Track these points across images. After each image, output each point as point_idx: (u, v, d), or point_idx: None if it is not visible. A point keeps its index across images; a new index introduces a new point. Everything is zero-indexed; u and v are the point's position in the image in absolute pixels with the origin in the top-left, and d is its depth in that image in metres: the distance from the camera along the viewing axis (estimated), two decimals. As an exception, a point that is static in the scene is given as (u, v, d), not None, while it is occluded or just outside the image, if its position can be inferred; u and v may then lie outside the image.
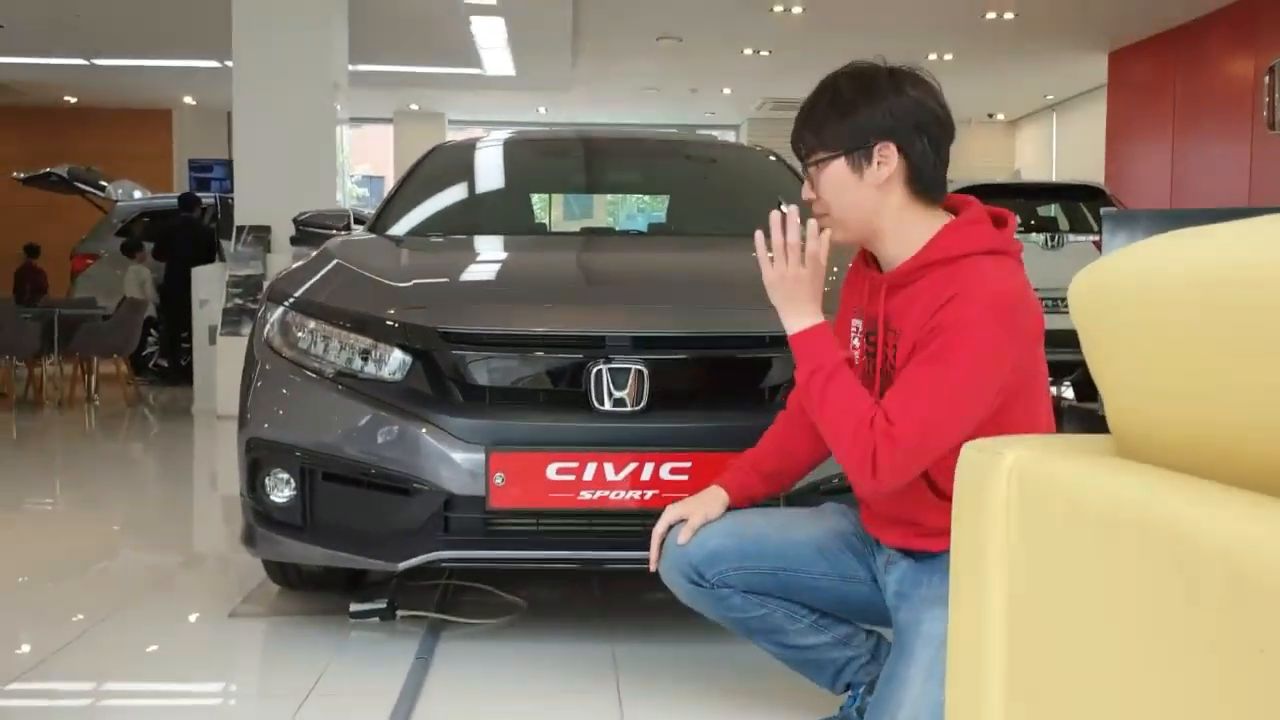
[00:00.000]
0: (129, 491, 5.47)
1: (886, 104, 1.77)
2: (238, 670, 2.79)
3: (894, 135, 1.77)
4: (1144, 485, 0.68)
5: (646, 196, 4.92)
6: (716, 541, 1.97)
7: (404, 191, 4.08)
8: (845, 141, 1.80)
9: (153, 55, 12.74)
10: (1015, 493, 0.78)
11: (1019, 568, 0.78)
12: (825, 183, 1.84)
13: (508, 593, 3.22)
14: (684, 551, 1.99)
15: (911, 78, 1.80)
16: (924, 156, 1.77)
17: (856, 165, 1.80)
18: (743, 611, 2.01)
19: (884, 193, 1.79)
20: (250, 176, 8.58)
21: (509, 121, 17.90)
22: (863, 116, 1.78)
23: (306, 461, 2.73)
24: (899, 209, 1.80)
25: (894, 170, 1.78)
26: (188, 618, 3.16)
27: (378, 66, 12.87)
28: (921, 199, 1.80)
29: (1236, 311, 0.64)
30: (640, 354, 2.62)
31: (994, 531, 0.80)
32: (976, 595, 0.82)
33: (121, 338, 9.09)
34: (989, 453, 0.82)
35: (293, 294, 2.98)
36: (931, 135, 1.78)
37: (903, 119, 1.77)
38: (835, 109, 1.81)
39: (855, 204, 1.81)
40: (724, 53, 13.13)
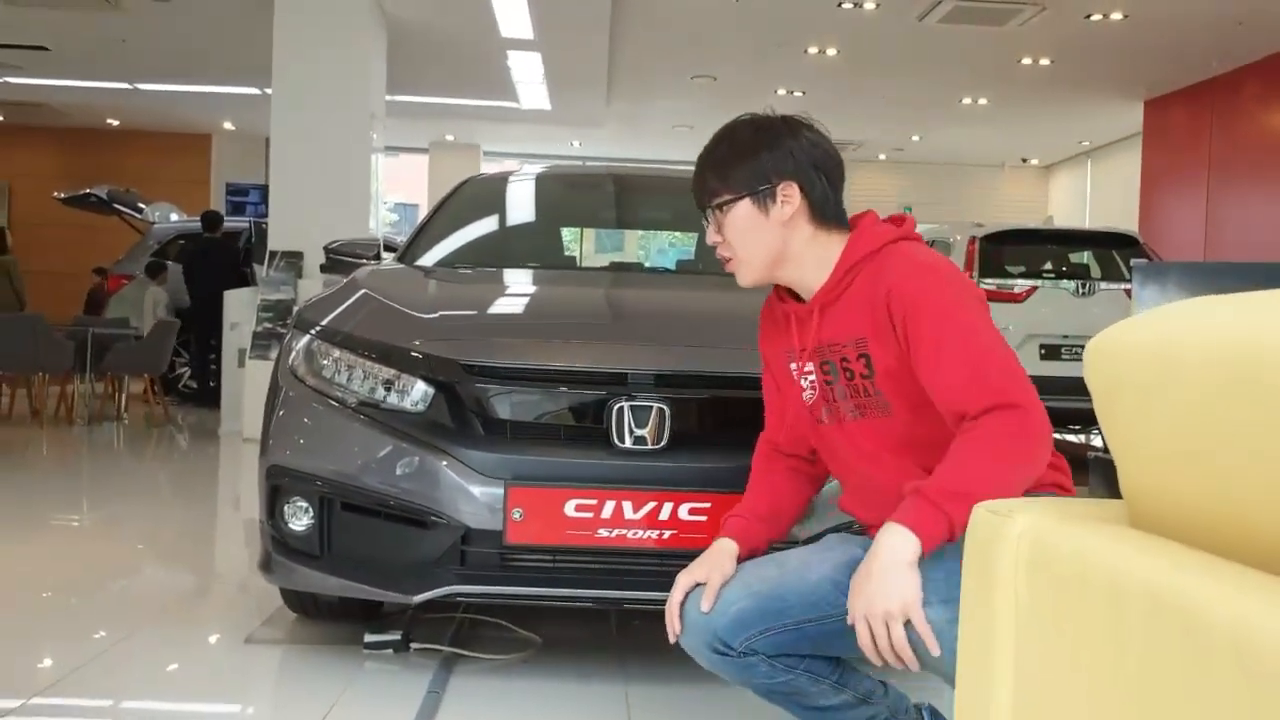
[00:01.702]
0: (153, 511, 5.51)
1: (785, 146, 1.90)
2: (252, 697, 2.79)
3: (795, 175, 1.89)
4: (1154, 559, 0.67)
5: (675, 234, 4.92)
6: (738, 607, 1.89)
7: (435, 222, 4.11)
8: (749, 183, 1.91)
9: (194, 81, 12.94)
10: (1025, 556, 0.78)
11: (1027, 630, 0.77)
12: (731, 225, 1.93)
13: (523, 628, 3.21)
14: (708, 621, 1.91)
15: (805, 124, 1.95)
16: (823, 193, 1.91)
17: (761, 205, 1.91)
18: (768, 678, 1.93)
19: (789, 229, 1.91)
20: (285, 202, 8.68)
21: (543, 155, 18.04)
22: (764, 159, 1.90)
23: (326, 491, 2.74)
24: (807, 240, 1.92)
25: (796, 208, 1.90)
26: (205, 641, 3.17)
27: (415, 97, 13.02)
28: (826, 228, 1.93)
29: (1255, 386, 0.63)
30: (662, 392, 2.62)
31: (1003, 593, 0.79)
32: (984, 654, 0.81)
33: (153, 357, 9.18)
34: (1001, 514, 0.81)
35: (319, 322, 3.00)
36: (828, 173, 1.92)
37: (801, 160, 1.90)
38: (736, 152, 1.93)
39: (763, 243, 1.92)
40: (758, 93, 13.18)
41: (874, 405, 1.91)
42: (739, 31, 10.42)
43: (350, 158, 8.77)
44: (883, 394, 1.88)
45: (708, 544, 2.54)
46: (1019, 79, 12.00)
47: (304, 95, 8.60)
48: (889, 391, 1.87)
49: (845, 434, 1.95)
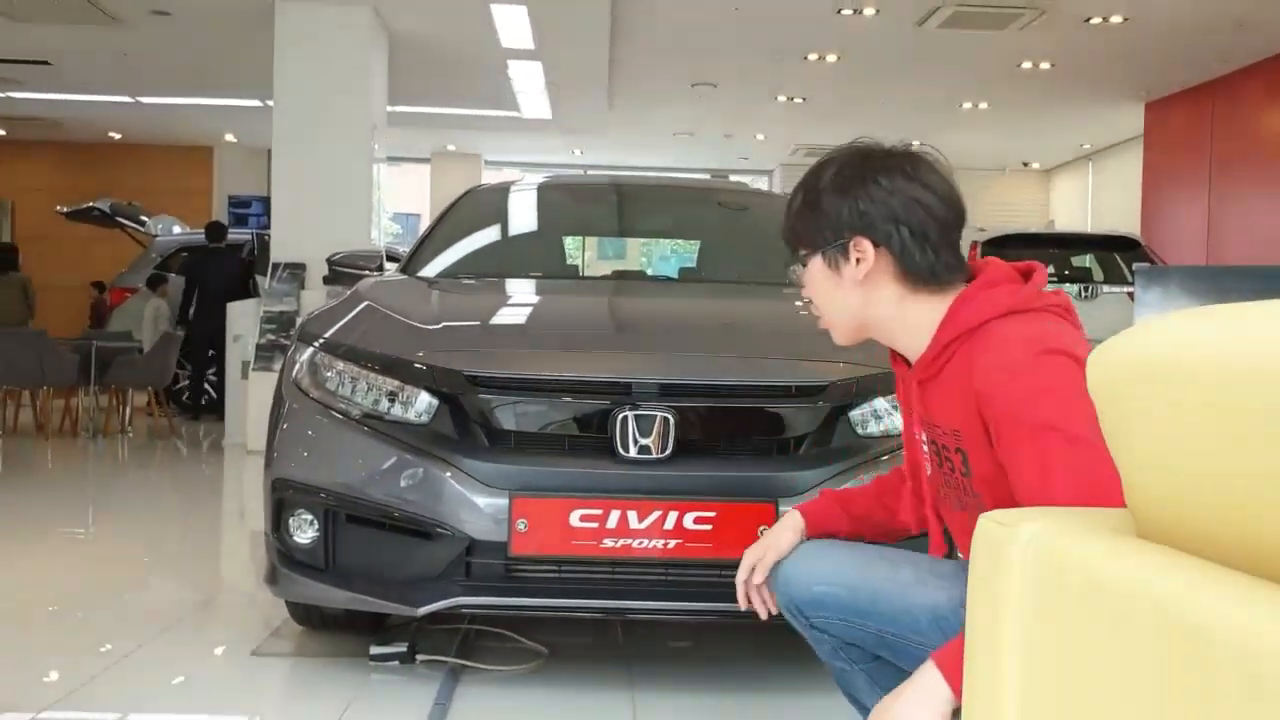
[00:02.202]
0: (158, 524, 5.51)
1: (855, 195, 1.62)
2: (259, 709, 2.78)
3: (868, 230, 1.61)
4: (1162, 570, 0.67)
5: (677, 242, 4.93)
6: (823, 590, 1.81)
7: (437, 233, 4.12)
8: (817, 238, 1.67)
9: (197, 94, 12.96)
10: (1031, 567, 0.77)
11: (1034, 642, 0.77)
12: (809, 282, 1.71)
13: (529, 639, 3.20)
14: (787, 587, 1.85)
15: (901, 164, 1.64)
16: (907, 249, 1.60)
17: (833, 263, 1.65)
18: (829, 657, 1.89)
19: (870, 289, 1.64)
20: (287, 214, 8.69)
21: (545, 164, 18.06)
22: (830, 210, 1.64)
23: (331, 503, 2.74)
24: (895, 302, 1.63)
25: (873, 267, 1.62)
26: (212, 654, 3.17)
27: (416, 108, 13.03)
28: (922, 289, 1.62)
29: (1262, 395, 0.63)
30: (666, 401, 2.62)
31: (1009, 605, 0.79)
32: (991, 666, 0.80)
33: (156, 370, 9.19)
34: (1007, 525, 0.81)
35: (322, 335, 3.01)
36: (914, 225, 1.60)
37: (876, 211, 1.61)
38: (807, 202, 1.68)
39: (842, 305, 1.67)
40: (758, 99, 13.20)
41: (975, 506, 1.65)
42: (739, 39, 10.43)
43: (351, 168, 8.78)
44: (981, 498, 1.63)
45: (713, 553, 2.56)
46: (1019, 83, 11.99)
47: (305, 107, 8.62)
48: (987, 497, 1.62)
49: (952, 520, 1.76)
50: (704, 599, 2.65)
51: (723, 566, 2.60)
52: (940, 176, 1.65)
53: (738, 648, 3.26)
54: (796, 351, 2.93)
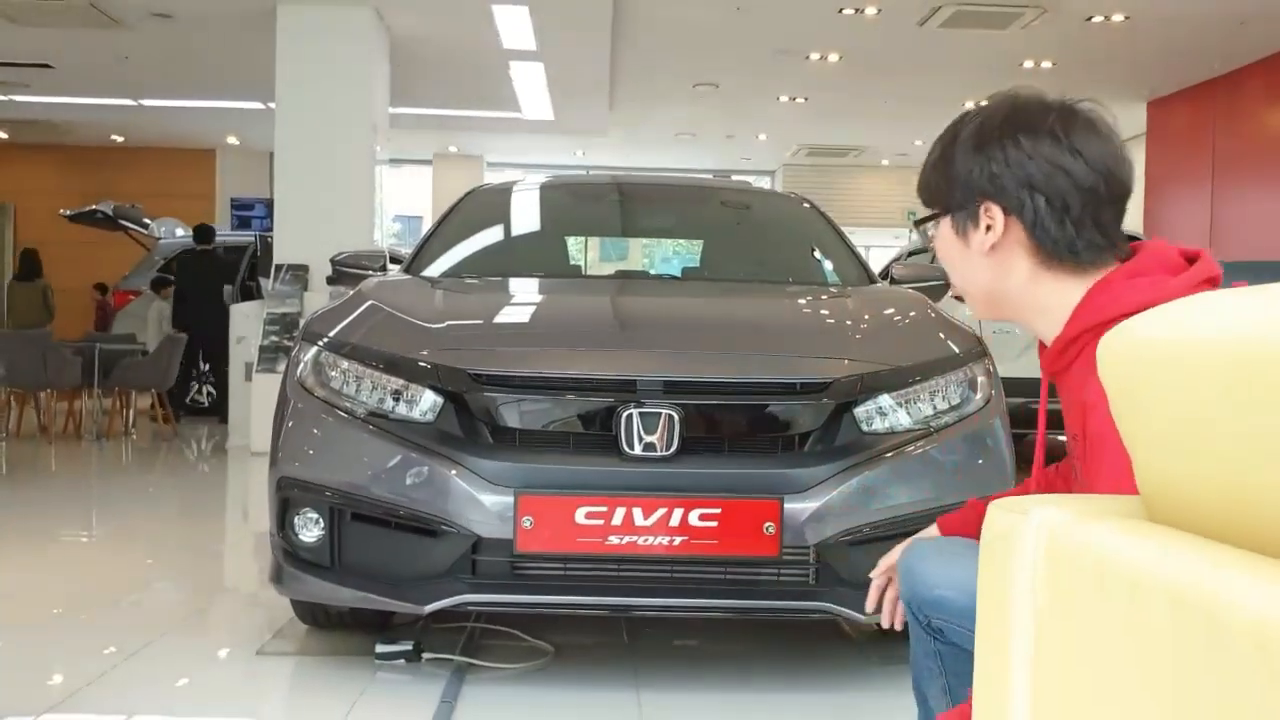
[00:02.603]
0: (163, 526, 5.51)
1: (989, 154, 1.44)
2: (264, 709, 2.78)
3: (998, 195, 1.44)
4: (1175, 552, 0.67)
5: (680, 242, 4.93)
6: (948, 594, 1.73)
7: (440, 233, 4.12)
8: (947, 198, 1.50)
9: (198, 97, 12.97)
10: (1043, 555, 0.77)
11: (1046, 632, 0.77)
12: (939, 246, 1.54)
13: (535, 637, 3.20)
14: (912, 583, 1.80)
15: (1048, 121, 1.44)
16: (1041, 221, 1.41)
17: (961, 229, 1.48)
18: (922, 656, 1.85)
19: (998, 262, 1.46)
20: (290, 216, 8.70)
21: (547, 165, 18.07)
22: (961, 169, 1.46)
23: (336, 502, 2.74)
24: (1027, 281, 1.45)
25: (1002, 237, 1.44)
26: (217, 654, 3.17)
27: (418, 109, 13.04)
28: (1057, 266, 1.43)
29: (1272, 379, 0.63)
30: (671, 399, 2.62)
31: (1020, 594, 0.78)
32: (1000, 656, 0.80)
33: (160, 372, 9.20)
34: (1016, 512, 0.81)
35: (326, 334, 3.01)
36: (1052, 194, 1.41)
37: (1010, 175, 1.43)
38: (943, 156, 1.50)
39: (969, 276, 1.50)
40: (760, 99, 13.21)
41: None
42: (740, 39, 10.43)
43: (354, 170, 8.79)
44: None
45: (719, 550, 2.56)
46: (1021, 82, 11.96)
47: (307, 109, 8.63)
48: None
49: None
50: (709, 595, 2.66)
51: (728, 563, 2.61)
52: (1100, 141, 1.43)
53: (743, 644, 3.26)
54: (801, 349, 2.93)
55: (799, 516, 2.57)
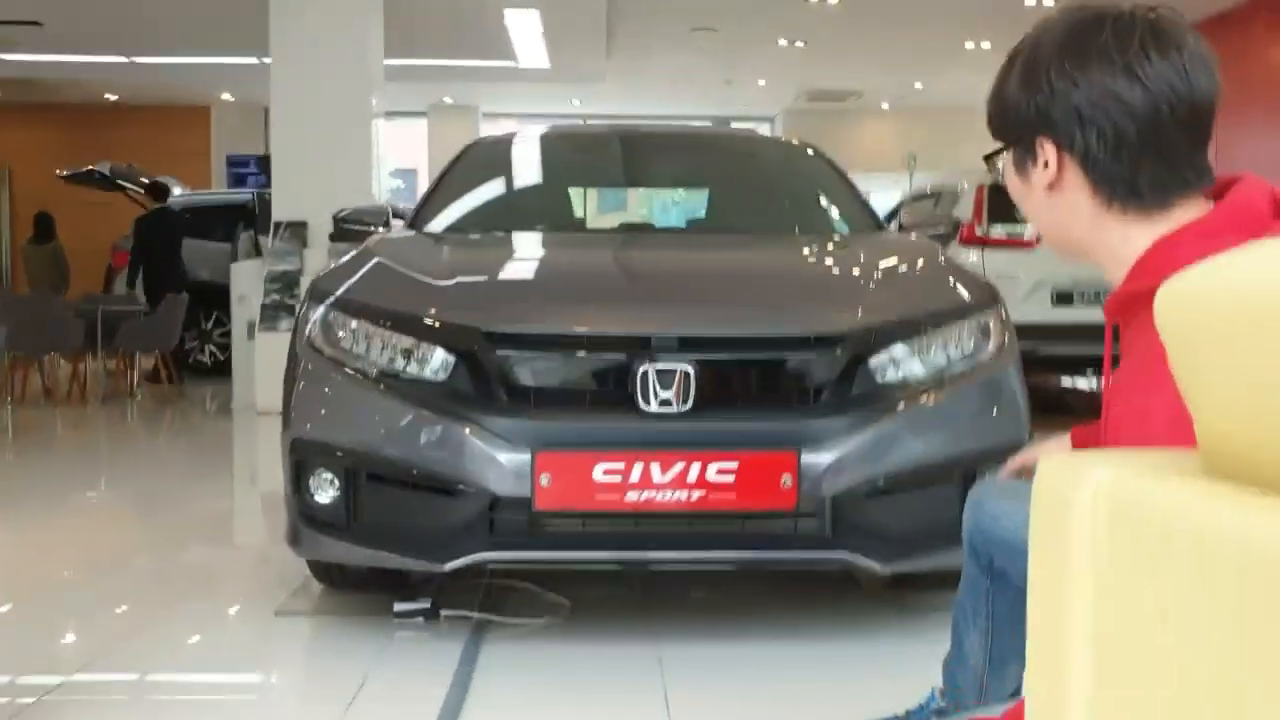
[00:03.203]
0: (173, 487, 5.51)
1: (1036, 83, 1.30)
2: (287, 669, 2.80)
3: (1050, 129, 1.30)
4: (1246, 508, 0.65)
5: (687, 191, 4.88)
6: (1013, 529, 1.68)
7: (442, 188, 4.08)
8: (1004, 132, 1.38)
9: (192, 53, 12.82)
10: (1103, 511, 0.75)
11: (1106, 589, 0.75)
12: (1008, 182, 1.42)
13: (551, 591, 3.21)
14: (983, 519, 1.81)
15: (1102, 41, 1.27)
16: (1094, 156, 1.27)
17: (1020, 164, 1.36)
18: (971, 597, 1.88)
19: (1060, 202, 1.32)
20: (287, 172, 8.62)
21: (543, 114, 17.90)
22: (1012, 102, 1.33)
23: (350, 462, 2.73)
24: (1091, 223, 1.31)
25: (1059, 175, 1.31)
26: (235, 615, 3.18)
27: (411, 60, 12.87)
28: (1124, 209, 1.28)
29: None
30: (686, 354, 2.60)
31: (1078, 558, 0.76)
32: (1058, 625, 0.79)
33: (163, 333, 9.18)
34: (1070, 471, 0.79)
35: (335, 293, 2.98)
36: (1104, 127, 1.26)
37: (1057, 106, 1.28)
38: (998, 87, 1.37)
39: (1036, 215, 1.38)
40: (759, 44, 13.05)
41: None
42: (739, -18, 10.30)
43: (351, 125, 8.70)
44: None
45: (736, 504, 2.56)
46: (1024, 22, 11.70)
47: (302, 63, 8.52)
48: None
49: None
50: (727, 548, 2.66)
51: (746, 516, 2.61)
52: (1165, 56, 1.25)
53: (757, 597, 3.26)
54: (814, 301, 2.90)
55: (816, 468, 2.56)
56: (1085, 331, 8.34)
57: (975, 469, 2.75)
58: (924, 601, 3.18)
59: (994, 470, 2.76)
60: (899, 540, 2.69)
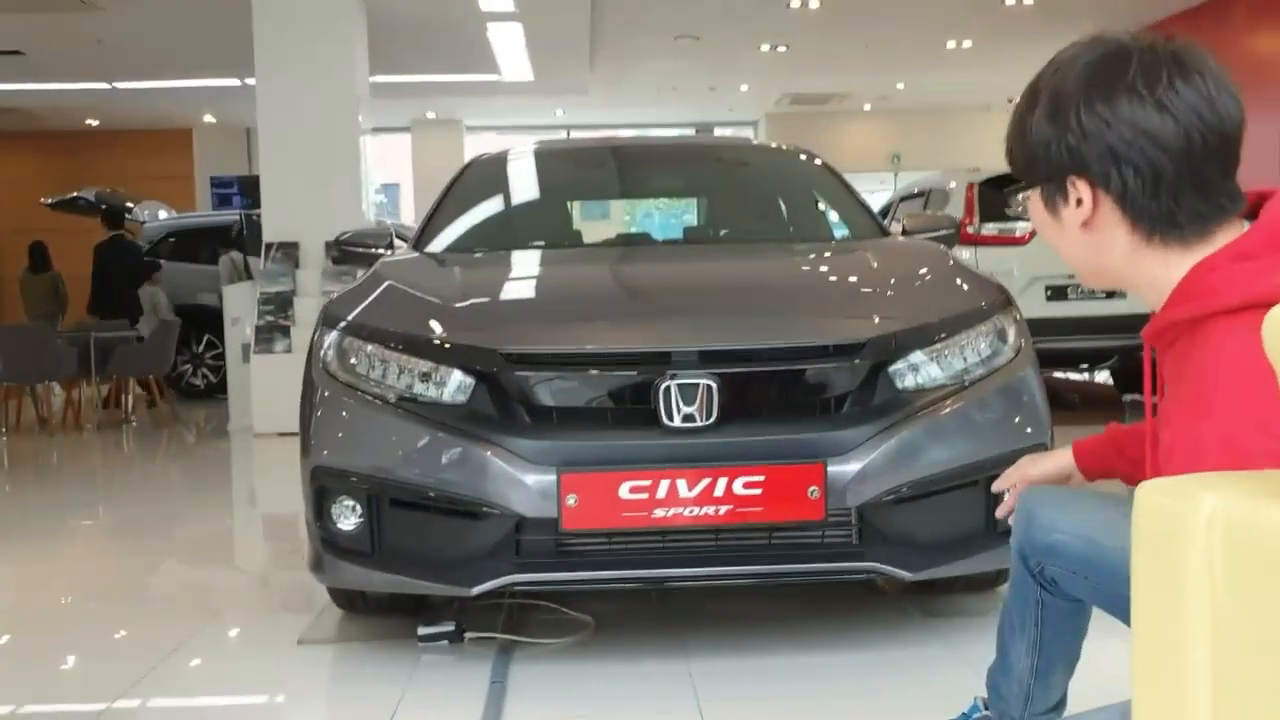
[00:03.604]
0: (174, 512, 5.48)
1: (1064, 124, 1.28)
2: (316, 701, 2.78)
3: (1082, 168, 1.28)
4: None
5: (690, 202, 4.88)
6: (1063, 539, 1.73)
7: (445, 207, 4.06)
8: (1030, 171, 1.35)
9: (173, 76, 12.78)
10: (1218, 541, 0.75)
11: (1225, 621, 0.75)
12: (1033, 219, 1.39)
13: (573, 609, 3.20)
14: (1029, 528, 1.80)
15: (1128, 77, 1.25)
16: (1132, 194, 1.25)
17: (1050, 203, 1.34)
18: (1020, 605, 1.87)
19: (1095, 238, 1.30)
20: (277, 193, 8.60)
21: (526, 126, 17.89)
22: (1039, 141, 1.30)
23: (373, 488, 2.72)
24: (1128, 254, 1.29)
25: (1094, 212, 1.29)
26: (257, 646, 3.15)
27: (395, 77, 12.86)
28: (1161, 241, 1.27)
29: None
30: (707, 368, 2.60)
31: (1193, 584, 0.76)
32: (1175, 650, 0.78)
33: (156, 358, 9.14)
34: (1179, 497, 0.79)
35: (348, 318, 2.97)
36: (1140, 164, 1.24)
37: (1089, 147, 1.26)
38: (1020, 126, 1.35)
39: (1065, 252, 1.37)
40: (741, 50, 13.08)
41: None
42: (721, -11, 10.32)
43: (338, 142, 8.69)
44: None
45: (764, 517, 2.55)
46: (1003, 19, 11.90)
47: (288, 83, 8.51)
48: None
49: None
50: (754, 562, 2.65)
51: (774, 529, 2.61)
52: (1192, 86, 1.24)
53: (780, 605, 3.26)
54: (833, 309, 2.91)
55: (842, 479, 2.56)
56: (1079, 326, 8.42)
57: (999, 473, 2.75)
58: (948, 605, 3.19)
59: None
60: (926, 547, 2.69)
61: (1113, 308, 7.86)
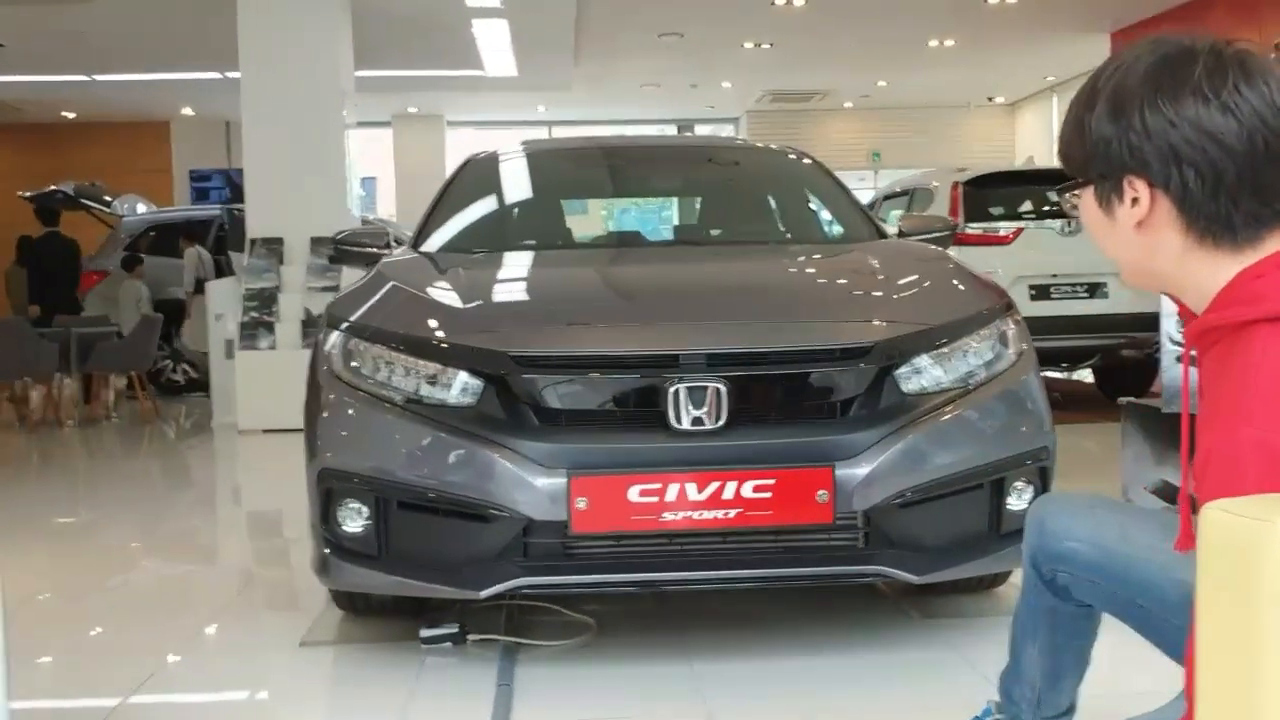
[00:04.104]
0: (159, 511, 5.45)
1: (1127, 122, 1.28)
2: (322, 705, 2.77)
3: (1142, 168, 1.28)
4: None
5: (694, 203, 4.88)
6: (1077, 545, 1.76)
7: (443, 206, 4.05)
8: (1086, 169, 1.35)
9: (153, 69, 12.67)
10: (1295, 561, 0.76)
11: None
12: (1084, 218, 1.39)
13: (575, 611, 3.20)
14: (1041, 536, 1.82)
15: (1193, 79, 1.26)
16: (1189, 196, 1.26)
17: (1105, 201, 1.33)
18: (1032, 611, 1.88)
19: (1148, 239, 1.31)
20: (261, 187, 8.55)
21: (509, 121, 17.84)
22: (1099, 139, 1.30)
23: (380, 491, 2.71)
24: (1178, 258, 1.30)
25: (1150, 212, 1.29)
26: (259, 650, 3.14)
27: (378, 71, 12.79)
28: (1210, 243, 1.28)
29: None
30: (716, 371, 2.61)
31: (1268, 615, 0.77)
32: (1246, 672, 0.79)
33: (137, 353, 9.07)
34: (1251, 518, 0.80)
35: (354, 319, 2.96)
36: (1203, 166, 1.25)
37: (1151, 146, 1.27)
38: (1079, 123, 1.34)
39: (1115, 252, 1.37)
40: (725, 47, 13.09)
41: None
42: (706, -14, 10.33)
43: (323, 137, 8.64)
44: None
45: (773, 520, 2.57)
46: (985, 18, 11.96)
47: (273, 76, 8.45)
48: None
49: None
50: (761, 565, 2.66)
51: (783, 533, 2.62)
52: (1256, 89, 1.25)
53: (782, 607, 3.27)
54: (840, 312, 2.93)
55: (850, 482, 2.57)
56: (1063, 325, 8.47)
57: (1003, 476, 2.78)
58: (946, 607, 3.21)
59: (1022, 477, 2.81)
60: (932, 550, 2.71)
61: (1095, 307, 7.93)
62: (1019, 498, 2.82)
